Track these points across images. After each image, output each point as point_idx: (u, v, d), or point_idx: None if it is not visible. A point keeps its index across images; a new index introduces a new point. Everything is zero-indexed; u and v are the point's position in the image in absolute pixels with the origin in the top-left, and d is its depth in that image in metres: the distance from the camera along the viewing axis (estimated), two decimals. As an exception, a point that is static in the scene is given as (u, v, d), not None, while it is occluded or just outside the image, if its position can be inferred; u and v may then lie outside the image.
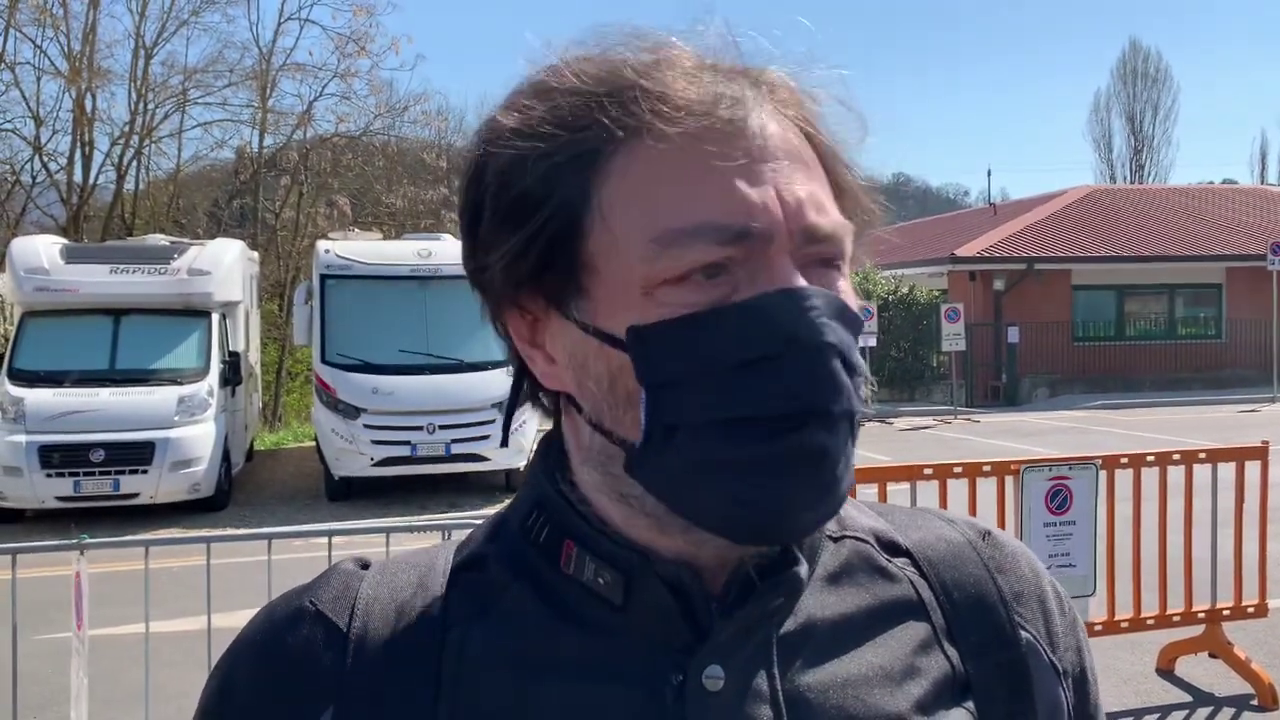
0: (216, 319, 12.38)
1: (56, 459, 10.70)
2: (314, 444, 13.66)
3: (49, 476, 10.70)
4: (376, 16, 26.83)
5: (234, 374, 12.67)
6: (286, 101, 28.93)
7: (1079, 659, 0.85)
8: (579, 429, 0.76)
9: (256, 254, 18.46)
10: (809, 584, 0.76)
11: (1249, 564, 5.63)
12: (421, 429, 11.63)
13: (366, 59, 26.99)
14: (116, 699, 5.43)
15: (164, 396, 11.33)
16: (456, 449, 11.70)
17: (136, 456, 10.91)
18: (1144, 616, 5.52)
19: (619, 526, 0.73)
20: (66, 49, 24.57)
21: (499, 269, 0.73)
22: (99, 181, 26.09)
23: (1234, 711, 5.36)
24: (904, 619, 0.78)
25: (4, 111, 24.98)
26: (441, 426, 11.62)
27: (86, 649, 4.43)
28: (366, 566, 0.80)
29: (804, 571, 0.74)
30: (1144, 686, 5.67)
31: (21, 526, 10.90)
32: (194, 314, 12.16)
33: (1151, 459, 5.52)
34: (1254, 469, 5.67)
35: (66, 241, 14.06)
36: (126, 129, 25.86)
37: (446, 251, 12.36)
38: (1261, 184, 49.44)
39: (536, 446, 0.82)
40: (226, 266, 12.70)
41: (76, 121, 25.05)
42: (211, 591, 4.52)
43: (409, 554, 0.82)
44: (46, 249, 12.20)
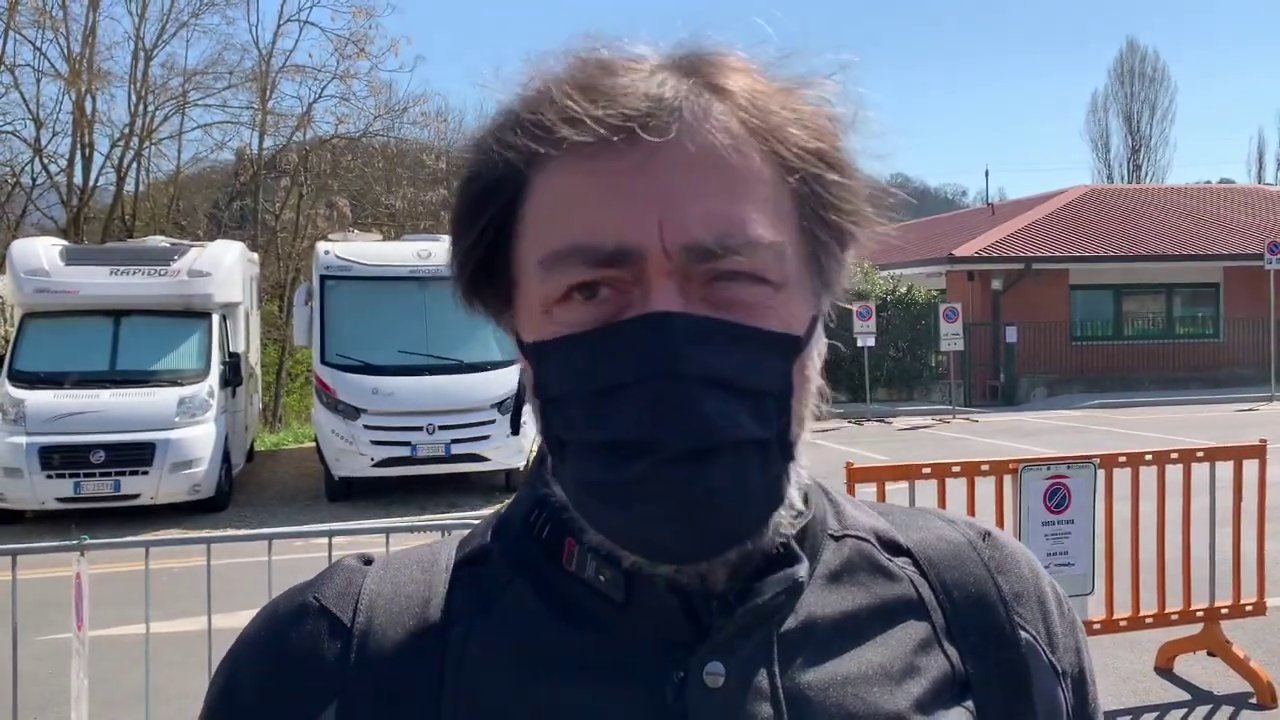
0: (217, 320, 12.37)
1: (57, 460, 10.70)
2: (314, 445, 13.65)
3: (49, 478, 10.69)
4: (376, 18, 26.89)
5: (234, 375, 12.66)
6: (286, 103, 29.00)
7: (1078, 660, 0.86)
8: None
9: (256, 255, 18.45)
10: (810, 582, 0.77)
11: (1247, 562, 5.63)
12: (421, 429, 11.62)
13: (366, 60, 27.00)
14: (117, 700, 5.43)
15: (164, 398, 11.32)
16: (456, 449, 11.69)
17: (137, 457, 10.90)
18: (1142, 615, 5.52)
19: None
20: (66, 51, 24.57)
21: (452, 275, 0.78)
22: (99, 183, 26.11)
23: (1232, 710, 5.36)
24: (904, 618, 0.79)
25: (4, 114, 25.03)
26: (441, 427, 11.61)
27: (87, 650, 4.43)
28: (370, 562, 0.80)
29: (803, 570, 0.75)
30: (1142, 685, 5.67)
31: (22, 528, 10.89)
32: (194, 315, 12.16)
33: (1149, 458, 5.52)
34: (1252, 468, 5.67)
35: (67, 243, 14.05)
36: (126, 131, 25.87)
37: (446, 252, 12.32)
38: (1259, 183, 49.43)
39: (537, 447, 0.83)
40: (226, 268, 12.69)
41: (76, 123, 25.02)
42: (212, 592, 4.51)
43: (412, 550, 0.82)
44: (47, 251, 12.18)
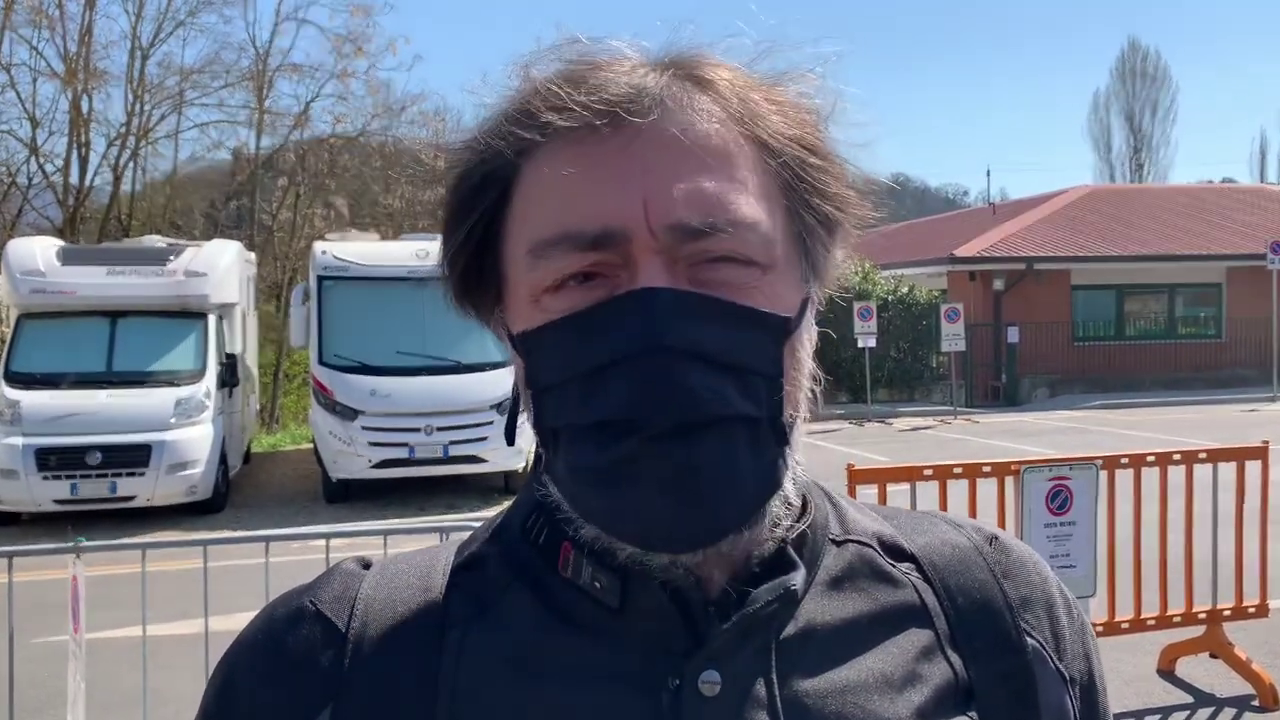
0: (213, 320, 12.36)
1: (53, 461, 10.68)
2: (311, 446, 13.65)
3: (46, 479, 10.68)
4: (374, 17, 26.90)
5: (231, 376, 12.67)
6: (283, 102, 29.05)
7: (1087, 666, 0.85)
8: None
9: (253, 255, 18.44)
10: (811, 588, 0.76)
11: (1249, 564, 5.63)
12: (419, 430, 11.61)
13: (364, 59, 27.04)
14: (113, 702, 5.41)
15: (161, 398, 11.31)
16: (454, 450, 11.69)
17: (133, 459, 10.89)
18: (1144, 617, 5.52)
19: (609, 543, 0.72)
20: (63, 50, 24.62)
21: (443, 276, 0.78)
22: (95, 183, 26.15)
23: (1235, 712, 5.35)
24: (907, 625, 0.78)
25: (0, 113, 25.02)
26: (439, 428, 11.60)
27: (84, 652, 4.42)
28: (368, 566, 0.80)
29: (799, 578, 0.74)
30: (1145, 687, 5.66)
31: (18, 529, 10.89)
32: (191, 315, 12.15)
33: (1152, 459, 5.52)
34: (1254, 469, 5.67)
35: (63, 243, 14.02)
36: (123, 130, 25.90)
37: (439, 255, 12.33)
38: (1261, 183, 49.49)
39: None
40: (223, 268, 12.69)
41: (73, 123, 25.05)
42: (209, 594, 4.50)
43: (410, 554, 0.82)
44: (43, 251, 12.18)
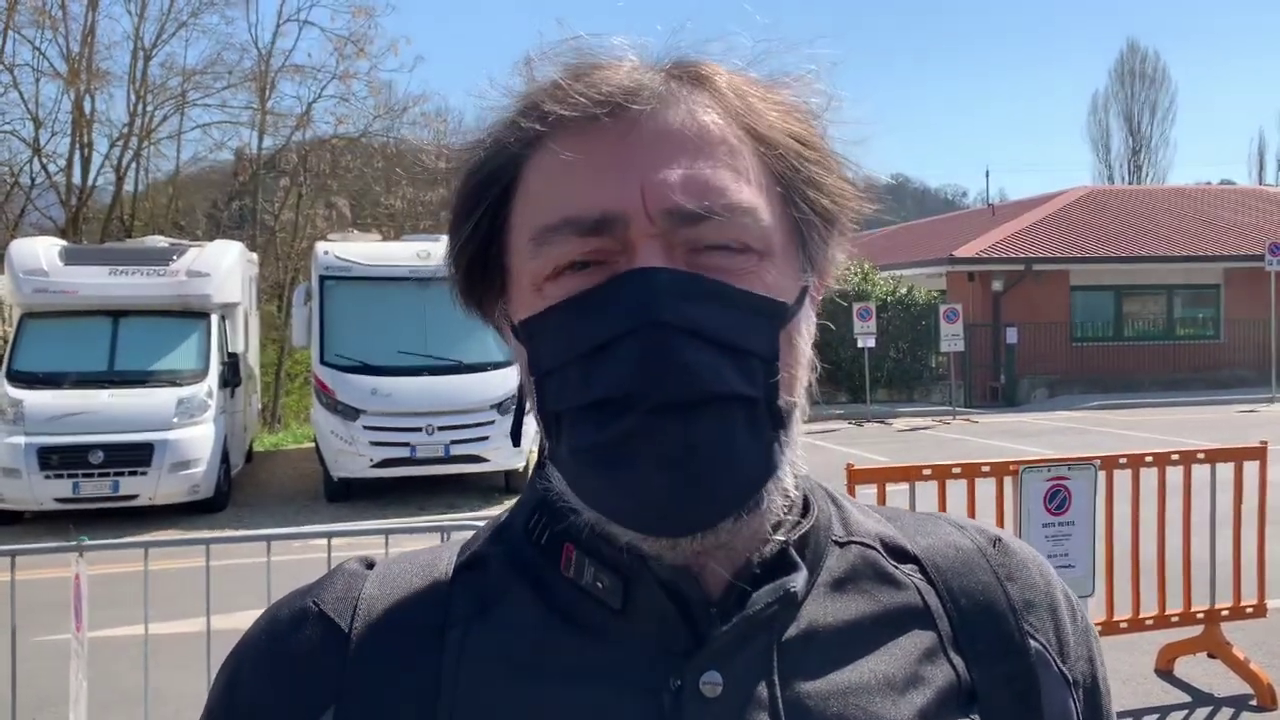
0: (215, 320, 12.36)
1: (55, 460, 10.68)
2: (313, 445, 13.64)
3: (48, 478, 10.67)
4: (375, 18, 26.88)
5: (233, 375, 12.65)
6: (285, 103, 29.12)
7: (1090, 668, 0.84)
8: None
9: (255, 255, 18.43)
10: (814, 589, 0.76)
11: (1247, 564, 5.63)
12: (420, 430, 11.61)
13: (365, 60, 27.01)
14: (115, 701, 5.42)
15: (163, 398, 11.31)
16: (455, 450, 11.68)
17: (136, 458, 10.88)
18: (1143, 617, 5.52)
19: (610, 531, 0.72)
20: (65, 51, 24.58)
21: (448, 273, 0.79)
22: (98, 183, 26.12)
23: (1233, 712, 5.35)
24: (909, 626, 0.77)
25: (3, 113, 25.02)
26: (440, 428, 11.60)
27: (85, 651, 4.42)
28: (371, 566, 0.80)
29: (801, 579, 0.74)
30: (1143, 687, 5.66)
31: (20, 528, 10.88)
32: (193, 315, 12.15)
33: (1150, 459, 5.51)
34: (1252, 469, 5.66)
35: (65, 243, 14.03)
36: (125, 130, 25.87)
37: (445, 253, 12.32)
38: (1259, 184, 49.47)
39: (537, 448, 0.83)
40: (225, 268, 12.68)
41: (75, 123, 25.02)
42: (211, 593, 4.50)
43: (413, 553, 0.82)
44: (45, 250, 12.18)
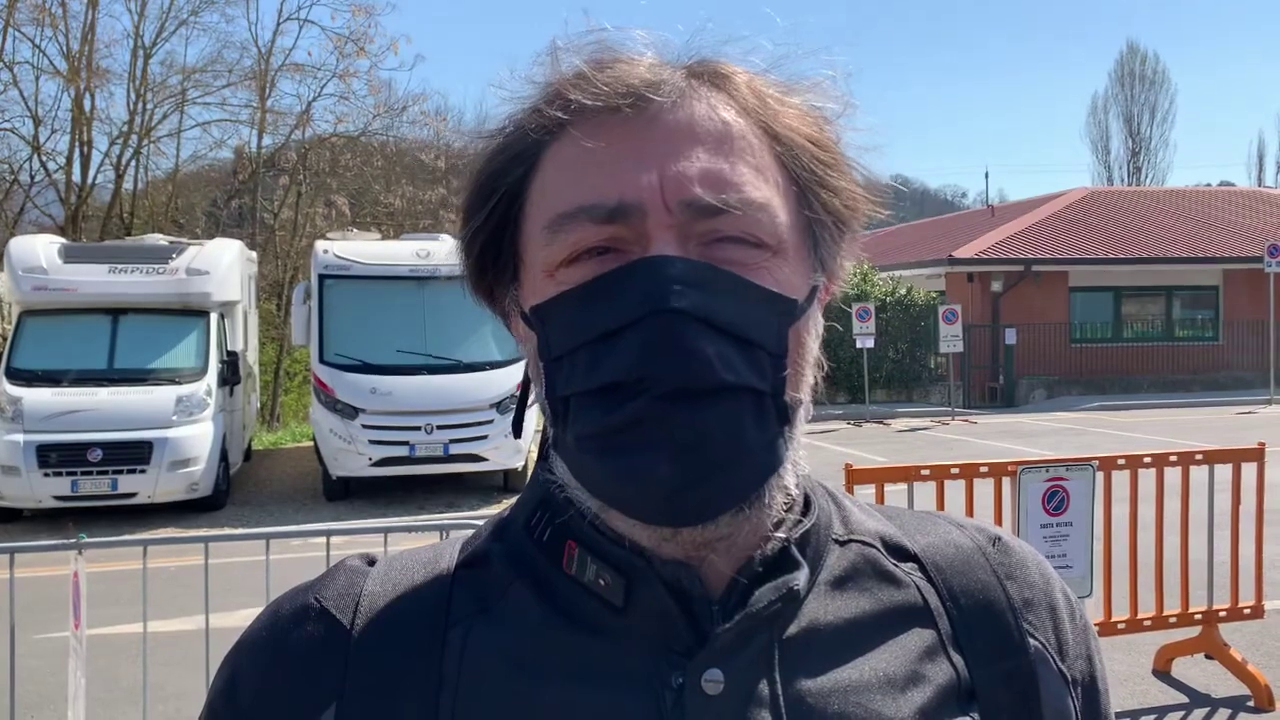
0: (215, 319, 12.36)
1: (54, 458, 10.68)
2: (312, 444, 13.64)
3: (47, 476, 10.67)
4: (375, 17, 26.87)
5: (232, 374, 12.64)
6: (285, 101, 29.01)
7: (1089, 667, 0.84)
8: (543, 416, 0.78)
9: (255, 254, 18.42)
10: (814, 588, 0.76)
11: (1245, 565, 5.63)
12: (419, 429, 11.61)
13: (365, 59, 26.99)
14: (114, 698, 5.43)
15: (162, 396, 11.31)
16: (454, 449, 11.68)
17: (134, 456, 10.89)
18: (1140, 618, 5.52)
19: (610, 521, 0.73)
20: (65, 48, 24.58)
21: (460, 260, 0.79)
22: (97, 181, 26.10)
23: (1230, 713, 5.35)
24: (909, 625, 0.78)
25: (3, 111, 24.99)
26: (439, 427, 11.60)
27: (84, 648, 4.42)
28: (373, 563, 0.80)
29: (802, 577, 0.74)
30: (1140, 688, 5.67)
31: (19, 526, 10.90)
32: (192, 314, 12.15)
33: (1148, 460, 5.51)
34: (1250, 471, 5.66)
35: (65, 241, 14.01)
36: (125, 128, 25.86)
37: (445, 252, 12.34)
38: (1259, 186, 49.49)
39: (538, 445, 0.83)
40: (225, 266, 12.68)
41: (75, 121, 25.02)
42: (209, 591, 4.51)
43: (415, 551, 0.82)
44: (45, 248, 12.17)
